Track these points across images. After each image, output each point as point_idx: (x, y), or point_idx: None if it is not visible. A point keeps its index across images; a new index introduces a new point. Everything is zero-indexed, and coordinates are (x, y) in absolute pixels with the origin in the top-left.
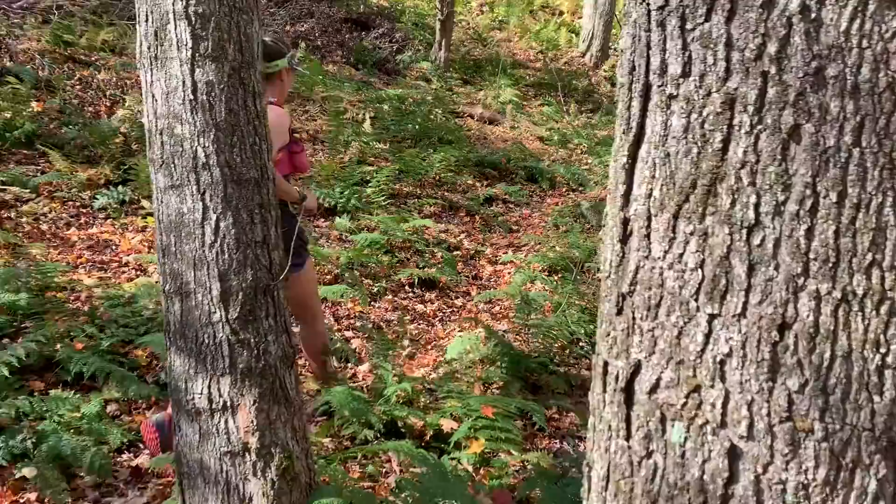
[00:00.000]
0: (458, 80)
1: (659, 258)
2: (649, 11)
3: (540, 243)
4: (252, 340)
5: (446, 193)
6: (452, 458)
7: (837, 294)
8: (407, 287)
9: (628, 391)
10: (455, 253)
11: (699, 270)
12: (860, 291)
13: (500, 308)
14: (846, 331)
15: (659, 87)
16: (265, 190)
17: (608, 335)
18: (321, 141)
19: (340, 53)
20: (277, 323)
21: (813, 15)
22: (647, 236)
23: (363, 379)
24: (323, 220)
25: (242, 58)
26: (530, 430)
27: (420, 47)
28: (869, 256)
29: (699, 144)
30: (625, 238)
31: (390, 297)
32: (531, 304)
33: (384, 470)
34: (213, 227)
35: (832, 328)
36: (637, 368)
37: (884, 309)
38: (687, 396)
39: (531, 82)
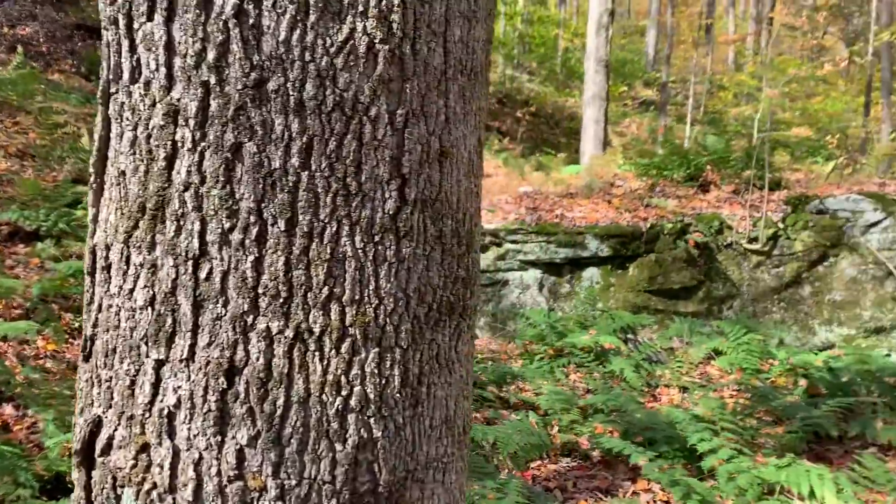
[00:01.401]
0: None
1: (115, 294)
2: (106, 6)
3: None
4: None
5: None
6: None
7: (291, 332)
8: None
9: (87, 453)
10: None
11: (149, 309)
12: (317, 329)
13: None
14: (303, 373)
15: (113, 93)
16: None
17: (79, 387)
18: (31, 156)
19: (71, 62)
20: None
21: (251, 20)
22: (107, 269)
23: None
24: (22, 245)
25: None
26: None
27: None
28: (326, 290)
29: (146, 162)
30: (92, 270)
31: None
32: None
33: None
34: None
35: (286, 371)
36: (97, 426)
37: (345, 347)
38: (136, 457)
39: None
